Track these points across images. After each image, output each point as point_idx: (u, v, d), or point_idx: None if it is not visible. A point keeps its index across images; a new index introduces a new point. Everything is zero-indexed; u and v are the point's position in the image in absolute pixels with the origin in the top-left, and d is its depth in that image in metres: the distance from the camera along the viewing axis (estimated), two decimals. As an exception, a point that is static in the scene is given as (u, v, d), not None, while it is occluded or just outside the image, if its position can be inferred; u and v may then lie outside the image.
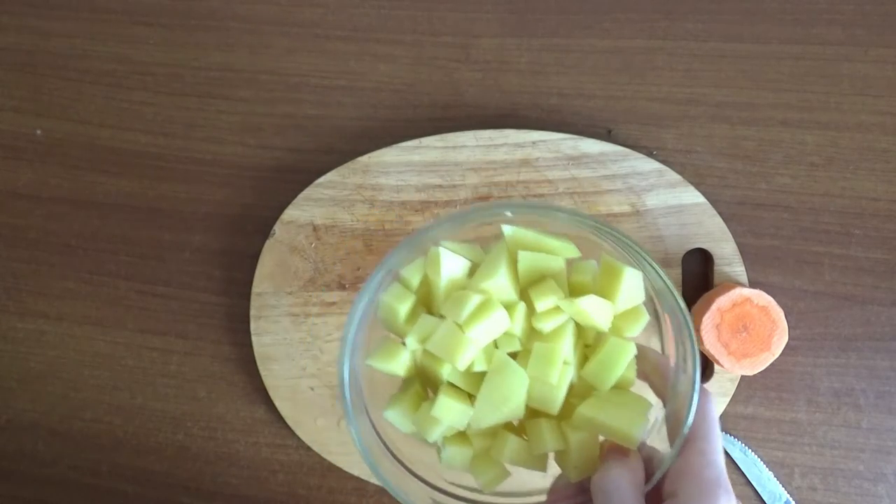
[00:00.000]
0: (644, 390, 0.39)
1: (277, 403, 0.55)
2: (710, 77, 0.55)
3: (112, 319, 0.58)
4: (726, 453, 0.54)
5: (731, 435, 0.54)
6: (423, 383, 0.40)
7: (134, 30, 0.59)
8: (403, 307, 0.38)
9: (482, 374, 0.37)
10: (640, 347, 0.38)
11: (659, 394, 0.39)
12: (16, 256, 0.59)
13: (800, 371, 0.54)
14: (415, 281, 0.39)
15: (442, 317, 0.38)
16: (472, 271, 0.39)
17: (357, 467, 0.54)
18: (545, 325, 0.37)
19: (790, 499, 0.54)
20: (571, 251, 0.39)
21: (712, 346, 0.50)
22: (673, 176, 0.53)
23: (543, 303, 0.37)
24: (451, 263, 0.38)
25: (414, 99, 0.57)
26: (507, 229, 0.39)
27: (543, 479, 0.39)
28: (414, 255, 0.39)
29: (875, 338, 0.54)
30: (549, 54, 0.56)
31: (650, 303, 0.40)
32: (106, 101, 0.59)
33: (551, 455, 0.39)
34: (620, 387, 0.38)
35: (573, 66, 0.56)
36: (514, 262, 0.38)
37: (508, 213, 0.39)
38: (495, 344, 0.38)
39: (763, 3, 0.55)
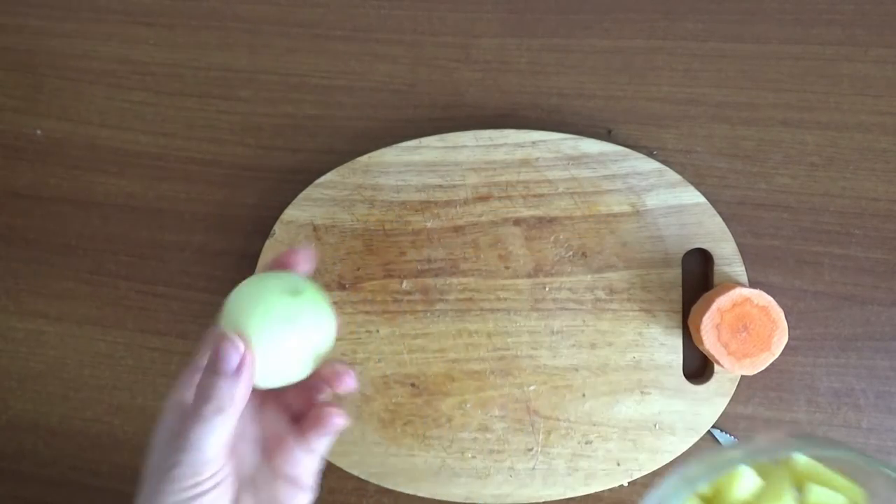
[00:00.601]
0: None
1: (277, 403, 0.55)
2: (710, 77, 0.55)
3: (112, 319, 0.58)
4: (726, 453, 0.54)
5: (730, 435, 0.54)
6: None
7: (134, 30, 0.59)
8: None
9: None
10: None
11: None
12: (16, 256, 0.59)
13: (800, 371, 0.54)
14: (702, 489, 0.40)
15: None
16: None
17: (357, 467, 0.54)
18: None
19: (790, 499, 0.54)
20: (858, 495, 0.40)
21: (712, 346, 0.50)
22: (673, 176, 0.53)
23: None
24: (747, 481, 0.39)
25: (414, 99, 0.57)
26: (801, 458, 0.40)
27: None
28: (706, 467, 0.40)
29: (875, 338, 0.54)
30: (549, 54, 0.56)
31: None
32: (106, 101, 0.59)
33: None
34: None
35: (573, 66, 0.56)
36: (798, 489, 0.40)
37: (810, 450, 0.41)
38: None
39: (763, 3, 0.55)
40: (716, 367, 0.52)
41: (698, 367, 0.55)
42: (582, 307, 0.54)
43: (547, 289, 0.54)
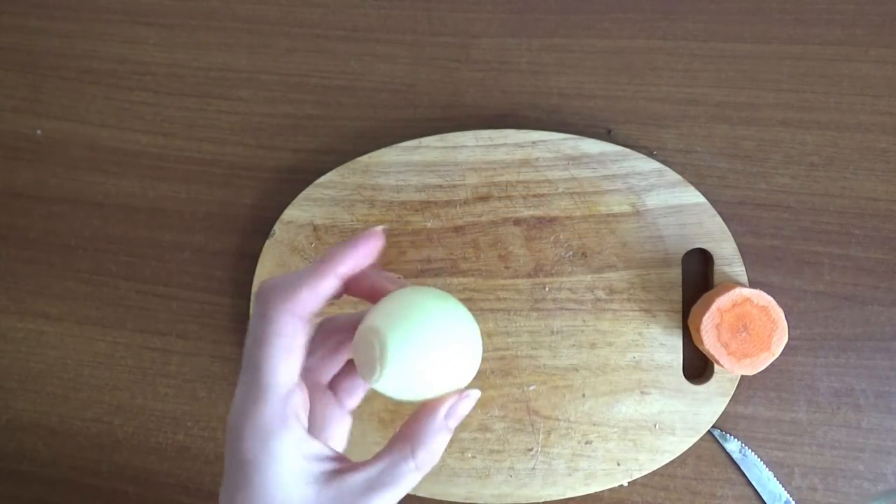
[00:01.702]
0: None
1: (277, 403, 0.55)
2: (710, 77, 0.55)
3: (112, 319, 0.58)
4: (726, 453, 0.54)
5: (731, 435, 0.54)
6: None
7: (134, 30, 0.59)
8: None
9: None
10: None
11: None
12: (16, 256, 0.59)
13: (800, 371, 0.54)
14: None
15: None
16: None
17: (357, 467, 0.54)
18: None
19: (790, 499, 0.54)
20: None
21: (712, 346, 0.50)
22: (673, 176, 0.53)
23: None
24: None
25: (414, 99, 0.57)
26: None
27: None
28: None
29: (875, 338, 0.54)
30: (549, 54, 0.56)
31: None
32: (106, 101, 0.59)
33: None
34: None
35: (573, 66, 0.56)
36: None
37: None
38: None
39: (763, 3, 0.55)
40: (716, 367, 0.52)
41: (698, 367, 0.55)
42: (582, 307, 0.54)
43: (547, 289, 0.54)
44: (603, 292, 0.54)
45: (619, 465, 0.53)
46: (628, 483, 0.53)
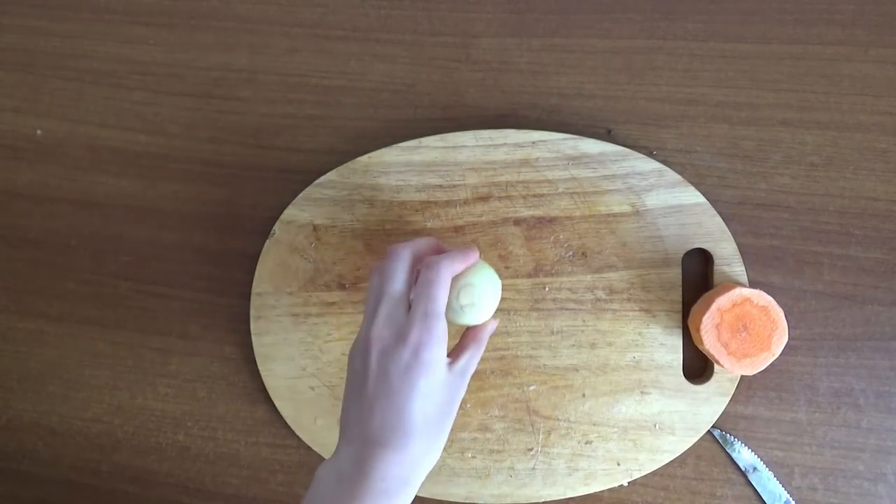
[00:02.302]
0: None
1: (277, 403, 0.55)
2: (710, 77, 0.55)
3: (112, 319, 0.58)
4: (726, 453, 0.54)
5: (731, 435, 0.54)
6: None
7: (134, 30, 0.59)
8: None
9: None
10: None
11: None
12: (16, 256, 0.59)
13: (800, 371, 0.54)
14: None
15: None
16: None
17: (357, 467, 0.54)
18: None
19: (790, 499, 0.54)
20: None
21: (712, 346, 0.50)
22: (673, 176, 0.53)
23: None
24: None
25: (414, 99, 0.57)
26: None
27: None
28: None
29: (875, 338, 0.54)
30: (549, 54, 0.56)
31: None
32: (106, 101, 0.59)
33: None
34: None
35: (573, 66, 0.56)
36: None
37: None
38: None
39: (763, 3, 0.55)
40: (716, 367, 0.52)
41: (698, 367, 0.55)
42: (582, 307, 0.54)
43: (547, 289, 0.54)
44: (603, 292, 0.54)
45: (619, 465, 0.53)
46: (628, 483, 0.53)
